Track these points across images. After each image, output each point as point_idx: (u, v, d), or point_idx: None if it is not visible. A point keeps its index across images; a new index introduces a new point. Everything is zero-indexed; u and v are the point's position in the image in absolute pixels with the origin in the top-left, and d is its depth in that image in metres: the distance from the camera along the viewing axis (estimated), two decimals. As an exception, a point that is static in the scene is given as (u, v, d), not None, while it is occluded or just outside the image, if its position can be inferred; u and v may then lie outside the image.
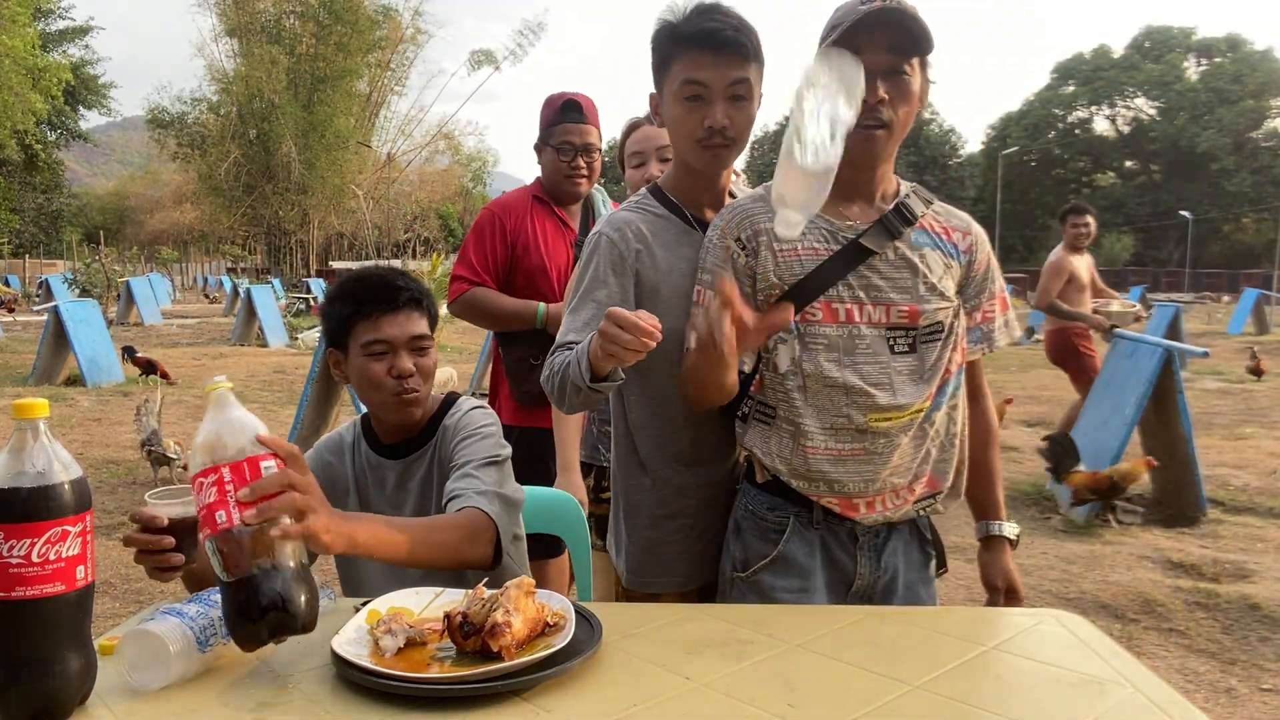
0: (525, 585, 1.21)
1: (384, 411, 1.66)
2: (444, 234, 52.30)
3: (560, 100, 2.70)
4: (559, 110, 2.69)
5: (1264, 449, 7.09)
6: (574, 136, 2.66)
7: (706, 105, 1.57)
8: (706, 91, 1.57)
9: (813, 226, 1.53)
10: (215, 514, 1.08)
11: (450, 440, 1.65)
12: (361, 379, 1.62)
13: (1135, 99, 60.61)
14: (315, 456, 1.73)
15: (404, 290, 1.62)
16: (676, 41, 1.58)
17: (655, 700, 1.08)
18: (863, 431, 1.54)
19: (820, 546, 1.60)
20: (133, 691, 1.10)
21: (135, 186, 58.03)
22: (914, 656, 1.21)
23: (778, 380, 1.57)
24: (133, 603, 3.82)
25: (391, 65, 45.89)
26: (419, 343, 1.63)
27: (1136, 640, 3.52)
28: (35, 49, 28.84)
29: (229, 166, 41.95)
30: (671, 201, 1.70)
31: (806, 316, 1.53)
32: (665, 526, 1.70)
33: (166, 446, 5.76)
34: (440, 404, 1.72)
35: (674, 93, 1.60)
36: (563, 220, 2.76)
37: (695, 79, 1.56)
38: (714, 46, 1.54)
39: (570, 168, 2.68)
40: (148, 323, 20.06)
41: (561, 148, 2.67)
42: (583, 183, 2.71)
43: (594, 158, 2.71)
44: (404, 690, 1.07)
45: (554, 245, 2.71)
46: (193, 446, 1.11)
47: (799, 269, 1.54)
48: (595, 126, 2.71)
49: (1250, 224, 59.03)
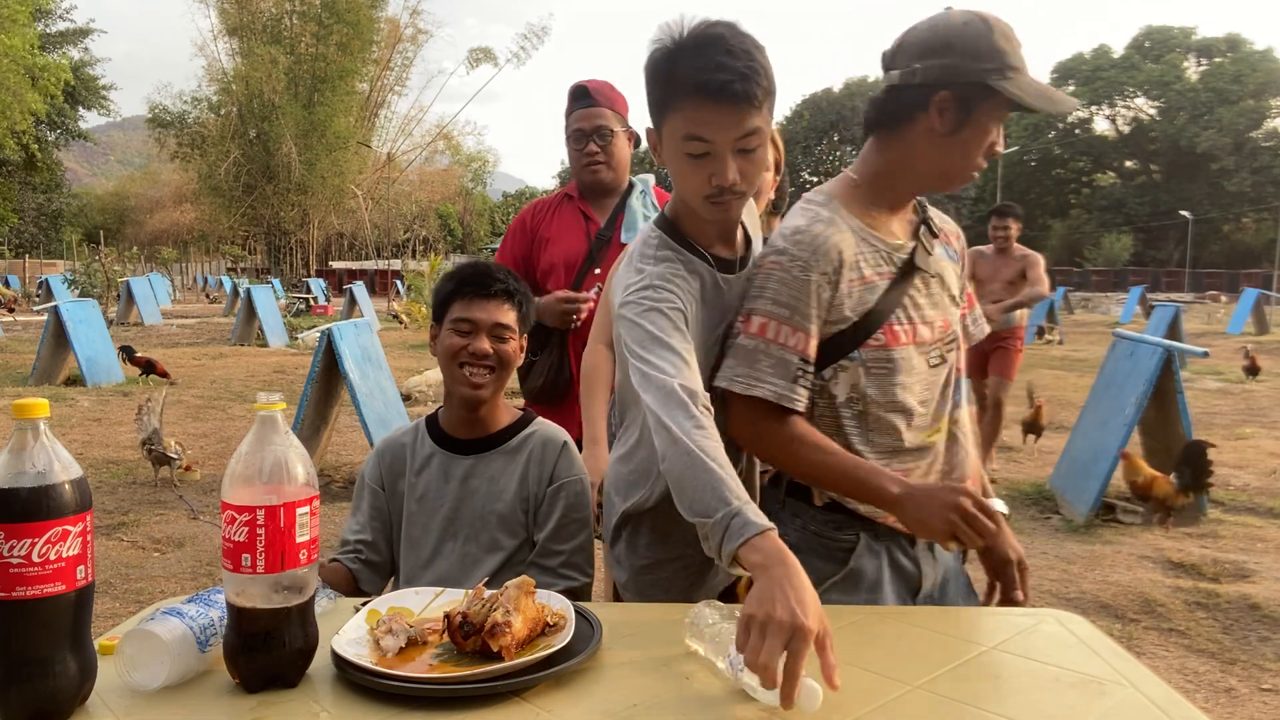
0: (525, 585, 1.22)
1: (452, 384, 1.76)
2: (444, 234, 52.32)
3: (571, 89, 2.63)
4: (570, 99, 2.62)
5: (1264, 449, 7.09)
6: (583, 123, 2.57)
7: (714, 161, 1.40)
8: (713, 148, 1.39)
9: (869, 249, 1.52)
10: (240, 556, 1.07)
11: (551, 467, 1.75)
12: (444, 351, 1.75)
13: (1135, 99, 60.61)
14: (390, 436, 1.85)
15: (499, 281, 1.76)
16: (677, 87, 1.39)
17: (655, 700, 1.07)
18: (915, 449, 1.55)
19: (887, 557, 1.58)
20: (133, 691, 1.10)
21: (135, 186, 58.09)
22: (914, 656, 1.21)
23: (831, 408, 1.54)
24: (133, 603, 3.82)
25: (391, 65, 45.95)
26: (501, 330, 1.74)
27: (1136, 640, 3.52)
28: (34, 49, 28.83)
29: (229, 166, 41.98)
30: (691, 244, 1.54)
31: (870, 343, 1.51)
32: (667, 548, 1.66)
33: (167, 446, 5.76)
34: (519, 417, 1.83)
35: (676, 144, 1.43)
36: (585, 214, 2.66)
37: (700, 135, 1.39)
38: (720, 100, 1.35)
39: (584, 155, 2.58)
40: (148, 323, 20.06)
41: (574, 136, 2.59)
42: (600, 169, 2.59)
43: (610, 141, 2.58)
44: (404, 690, 1.07)
45: (568, 240, 2.64)
46: (229, 469, 1.10)
47: (868, 298, 1.50)
48: (610, 109, 2.58)
49: (1250, 224, 59.06)
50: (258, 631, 1.08)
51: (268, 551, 1.07)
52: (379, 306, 24.92)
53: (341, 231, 49.71)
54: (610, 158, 2.59)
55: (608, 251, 2.60)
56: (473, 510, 1.74)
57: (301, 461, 1.11)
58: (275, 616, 1.09)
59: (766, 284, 1.50)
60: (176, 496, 5.59)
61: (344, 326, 5.92)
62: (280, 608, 1.09)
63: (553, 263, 2.63)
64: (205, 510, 5.29)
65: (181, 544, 4.69)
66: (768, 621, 1.05)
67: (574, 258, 2.62)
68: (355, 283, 23.10)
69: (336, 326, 5.83)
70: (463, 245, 55.50)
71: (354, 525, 1.81)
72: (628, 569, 1.69)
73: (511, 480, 1.75)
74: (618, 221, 2.63)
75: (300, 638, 1.11)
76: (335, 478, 6.11)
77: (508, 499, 1.74)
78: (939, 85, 1.45)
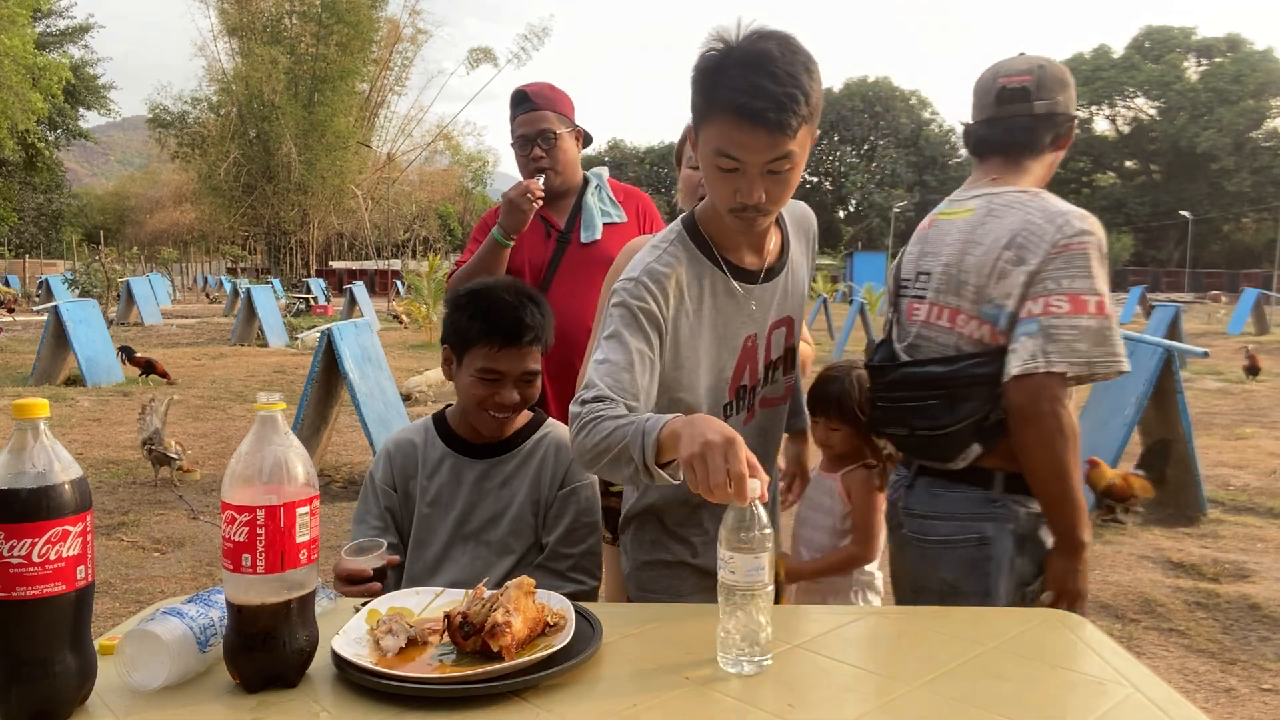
0: (525, 585, 1.22)
1: (476, 423, 1.75)
2: (444, 234, 52.30)
3: (512, 95, 2.58)
4: (511, 106, 2.57)
5: (1264, 449, 7.09)
6: (525, 128, 2.53)
7: (742, 179, 1.43)
8: (743, 167, 1.41)
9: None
10: (240, 556, 1.08)
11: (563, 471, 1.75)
12: (466, 394, 1.72)
13: (1135, 99, 60.61)
14: (398, 437, 1.84)
15: (531, 330, 1.68)
16: (715, 102, 1.40)
17: (655, 700, 1.07)
18: None
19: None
20: (133, 691, 1.10)
21: (135, 186, 58.09)
22: (914, 656, 1.21)
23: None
24: (133, 603, 3.82)
25: (391, 65, 45.93)
26: (529, 377, 1.72)
27: (1136, 640, 3.52)
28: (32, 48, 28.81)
29: (229, 166, 41.95)
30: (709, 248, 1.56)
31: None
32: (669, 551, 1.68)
33: (167, 446, 5.76)
34: (531, 419, 1.81)
35: (710, 154, 1.44)
36: (545, 218, 2.60)
37: (730, 154, 1.41)
38: (755, 125, 1.36)
39: (530, 160, 2.53)
40: (148, 323, 20.06)
41: (518, 142, 2.56)
42: (545, 173, 2.54)
43: (554, 143, 2.53)
44: (404, 690, 1.07)
45: (530, 245, 2.58)
46: (229, 469, 1.11)
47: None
48: (551, 110, 2.54)
49: (1250, 224, 59.05)
50: (258, 631, 1.08)
51: (268, 551, 1.07)
52: (379, 306, 24.92)
53: (341, 231, 49.68)
54: (556, 161, 2.55)
55: (569, 252, 2.58)
56: (485, 514, 1.73)
57: (301, 461, 1.11)
58: (275, 616, 1.09)
59: (1089, 264, 1.63)
60: (176, 496, 5.59)
61: (344, 326, 5.92)
62: (280, 608, 1.09)
63: (517, 269, 2.59)
64: (205, 510, 5.29)
65: (181, 544, 4.69)
66: (705, 449, 1.15)
67: (538, 262, 2.59)
68: (355, 283, 23.10)
69: (336, 326, 5.83)
70: (462, 245, 55.47)
71: (375, 524, 1.76)
72: (632, 561, 1.73)
73: (523, 484, 1.74)
74: (576, 222, 2.61)
75: (300, 638, 1.11)
76: (335, 478, 6.10)
77: (520, 502, 1.73)
78: (1072, 115, 1.82)
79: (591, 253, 2.57)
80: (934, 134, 63.34)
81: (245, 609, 1.08)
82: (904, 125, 63.19)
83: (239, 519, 1.07)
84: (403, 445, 1.81)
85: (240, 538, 1.07)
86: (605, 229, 2.61)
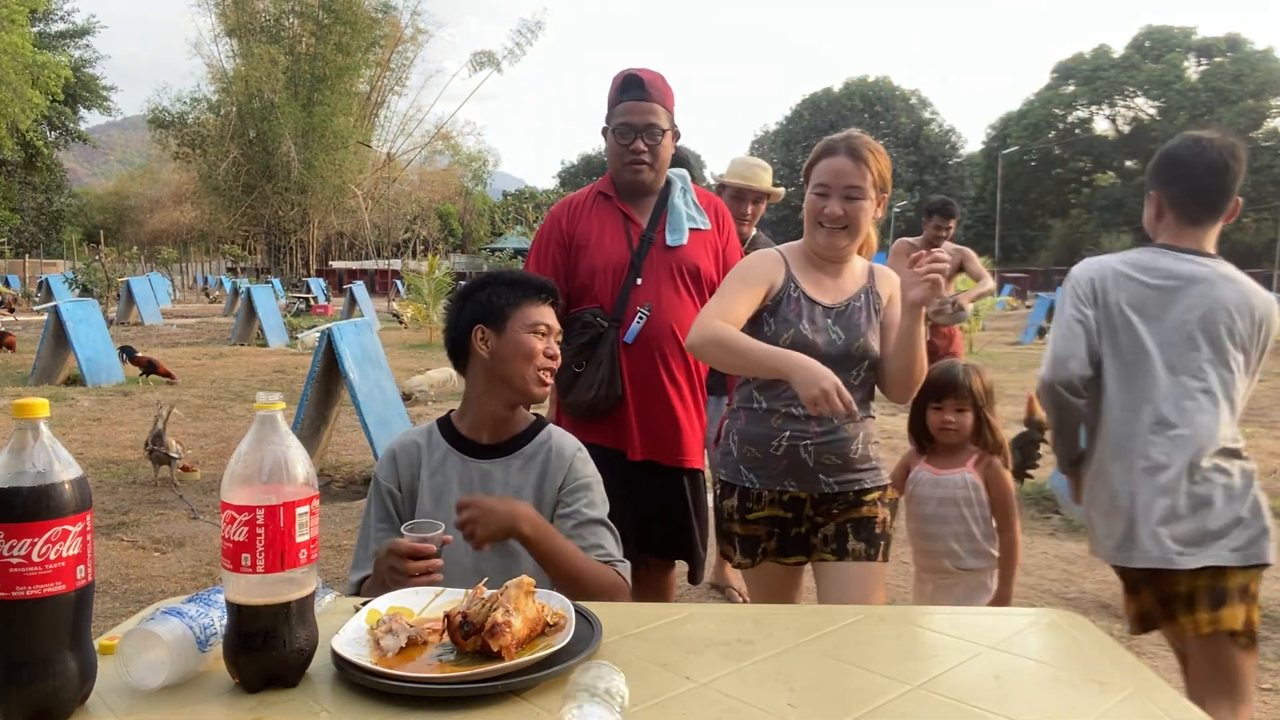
0: (525, 585, 1.22)
1: (524, 384, 1.80)
2: (444, 234, 52.32)
3: (621, 77, 2.43)
4: (619, 89, 2.42)
5: (1264, 449, 7.08)
6: (633, 117, 2.39)
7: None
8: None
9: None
10: (240, 555, 1.08)
11: (564, 471, 1.79)
12: (519, 350, 1.79)
13: (1135, 99, 60.59)
14: (403, 438, 1.87)
15: (555, 291, 1.88)
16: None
17: (655, 700, 1.07)
18: None
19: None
20: (133, 691, 1.10)
21: (135, 186, 58.01)
22: (914, 656, 1.21)
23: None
24: (133, 603, 3.82)
25: (391, 65, 45.93)
26: (558, 335, 1.88)
27: (1136, 640, 3.51)
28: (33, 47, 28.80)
29: (229, 166, 41.95)
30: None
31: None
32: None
33: (169, 446, 5.77)
34: (533, 423, 1.85)
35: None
36: (626, 215, 2.48)
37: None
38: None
39: (629, 152, 2.39)
40: (148, 322, 20.05)
41: (620, 130, 2.40)
42: (643, 169, 2.42)
43: (658, 140, 2.40)
44: (404, 690, 1.07)
45: (609, 244, 2.46)
46: (228, 469, 1.10)
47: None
48: (662, 105, 2.41)
49: (1250, 224, 59.01)
50: (257, 631, 1.08)
51: (267, 551, 1.07)
52: (379, 306, 24.91)
53: (341, 231, 49.66)
54: (656, 158, 2.43)
55: (652, 254, 2.45)
56: None
57: (301, 461, 1.11)
58: (275, 616, 1.09)
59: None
60: (176, 496, 5.59)
61: (344, 326, 5.92)
62: (280, 608, 1.09)
63: (594, 269, 2.45)
64: (205, 510, 5.29)
65: (181, 544, 4.69)
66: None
67: (618, 263, 2.45)
68: (355, 282, 23.11)
69: (336, 326, 5.83)
70: (463, 245, 55.45)
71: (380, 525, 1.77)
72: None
73: (526, 484, 1.77)
74: (660, 222, 2.48)
75: (300, 637, 1.11)
76: (335, 478, 6.10)
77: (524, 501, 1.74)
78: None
79: (675, 257, 2.45)
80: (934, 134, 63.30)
81: (245, 609, 1.08)
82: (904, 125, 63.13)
83: (239, 519, 1.07)
84: (406, 445, 1.84)
85: (240, 537, 1.07)
86: (690, 234, 2.48)
